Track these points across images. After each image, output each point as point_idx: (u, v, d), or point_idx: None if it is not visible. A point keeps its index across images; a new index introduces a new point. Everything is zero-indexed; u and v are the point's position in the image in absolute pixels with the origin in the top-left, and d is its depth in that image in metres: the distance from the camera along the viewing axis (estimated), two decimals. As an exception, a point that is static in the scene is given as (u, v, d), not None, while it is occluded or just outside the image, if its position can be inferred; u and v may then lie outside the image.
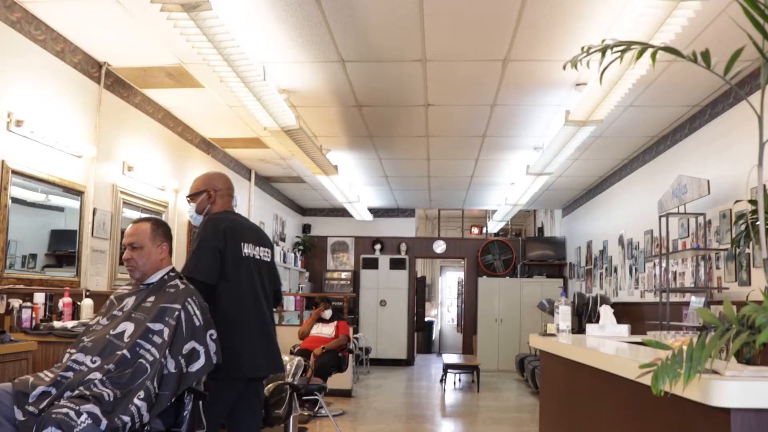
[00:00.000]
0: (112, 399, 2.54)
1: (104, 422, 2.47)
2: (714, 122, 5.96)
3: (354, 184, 10.20)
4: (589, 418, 2.62)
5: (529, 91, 5.95)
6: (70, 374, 2.67)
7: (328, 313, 7.77)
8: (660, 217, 6.31)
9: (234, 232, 3.35)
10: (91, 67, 5.34)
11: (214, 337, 2.92)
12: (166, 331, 2.76)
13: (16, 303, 4.32)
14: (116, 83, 5.72)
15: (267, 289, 3.52)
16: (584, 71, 5.24)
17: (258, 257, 3.49)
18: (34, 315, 4.43)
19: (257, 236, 3.56)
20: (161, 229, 3.09)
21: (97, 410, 2.48)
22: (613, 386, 2.22)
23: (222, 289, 3.27)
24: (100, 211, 5.48)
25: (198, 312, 2.89)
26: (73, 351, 2.80)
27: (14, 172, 4.39)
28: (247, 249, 3.41)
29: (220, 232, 3.29)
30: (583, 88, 5.37)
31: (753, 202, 3.71)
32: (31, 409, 2.50)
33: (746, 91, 5.22)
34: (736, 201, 5.21)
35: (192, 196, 3.56)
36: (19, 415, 2.48)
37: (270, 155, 8.84)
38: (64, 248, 5.18)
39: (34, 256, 4.79)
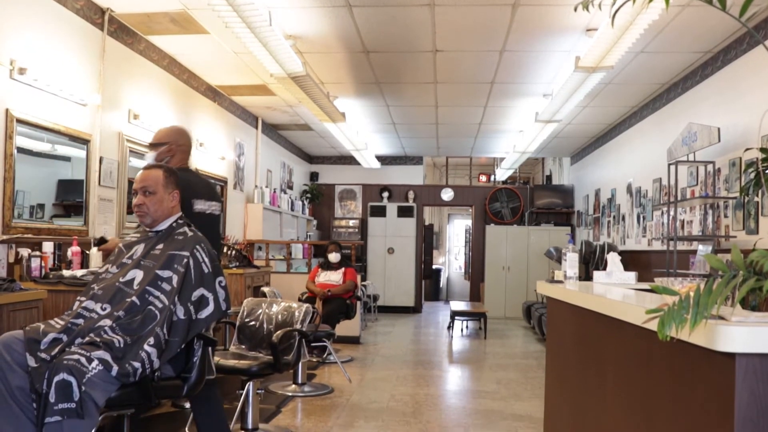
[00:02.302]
0: (122, 345, 2.58)
1: (115, 368, 2.51)
2: (726, 69, 5.86)
3: (361, 132, 10.14)
4: (596, 363, 2.64)
5: (538, 37, 5.84)
6: (80, 321, 2.70)
7: (335, 257, 7.74)
8: (669, 165, 6.26)
9: (186, 191, 3.40)
10: (94, 13, 5.26)
11: (223, 284, 2.94)
12: (175, 278, 2.79)
13: (25, 252, 4.36)
14: (120, 30, 5.65)
15: (216, 242, 3.63)
16: (595, 15, 5.13)
17: (209, 212, 3.61)
18: (43, 264, 4.47)
19: (209, 192, 3.66)
20: (173, 177, 3.09)
21: (107, 356, 2.52)
22: (619, 332, 2.23)
23: None
24: (106, 160, 5.48)
25: (207, 259, 2.91)
26: (83, 299, 2.83)
27: (19, 121, 4.36)
28: (199, 205, 3.49)
29: None
30: (593, 34, 5.27)
31: (764, 150, 3.67)
32: (42, 355, 2.53)
33: (762, 35, 5.12)
34: (747, 149, 5.16)
35: (154, 146, 3.60)
36: (31, 362, 2.51)
37: (277, 102, 8.77)
38: (71, 198, 5.18)
39: (41, 206, 4.80)
